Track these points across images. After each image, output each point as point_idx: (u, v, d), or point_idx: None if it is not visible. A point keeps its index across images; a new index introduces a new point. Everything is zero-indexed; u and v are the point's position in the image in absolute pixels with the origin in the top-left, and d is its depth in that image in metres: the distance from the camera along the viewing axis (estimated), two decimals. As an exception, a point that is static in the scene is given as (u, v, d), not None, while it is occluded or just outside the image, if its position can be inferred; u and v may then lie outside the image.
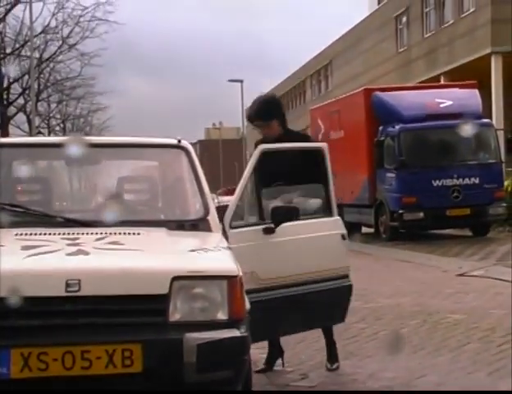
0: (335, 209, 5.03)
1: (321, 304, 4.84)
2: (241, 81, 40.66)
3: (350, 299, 5.12)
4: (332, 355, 5.45)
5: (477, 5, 26.78)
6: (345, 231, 5.08)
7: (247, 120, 5.52)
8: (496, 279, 9.76)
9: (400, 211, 15.88)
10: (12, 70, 27.31)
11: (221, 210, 4.51)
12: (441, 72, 28.47)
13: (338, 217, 5.05)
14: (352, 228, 15.27)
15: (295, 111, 52.97)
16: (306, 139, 5.50)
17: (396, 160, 16.02)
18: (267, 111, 5.34)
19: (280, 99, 5.78)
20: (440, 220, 15.84)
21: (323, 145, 5.09)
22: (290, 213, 4.54)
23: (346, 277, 5.06)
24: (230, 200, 4.54)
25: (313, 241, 4.85)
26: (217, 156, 70.21)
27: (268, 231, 4.57)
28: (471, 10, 27.41)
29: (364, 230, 18.00)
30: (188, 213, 4.44)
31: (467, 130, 14.03)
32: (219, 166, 68.57)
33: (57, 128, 37.50)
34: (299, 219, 4.64)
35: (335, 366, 5.40)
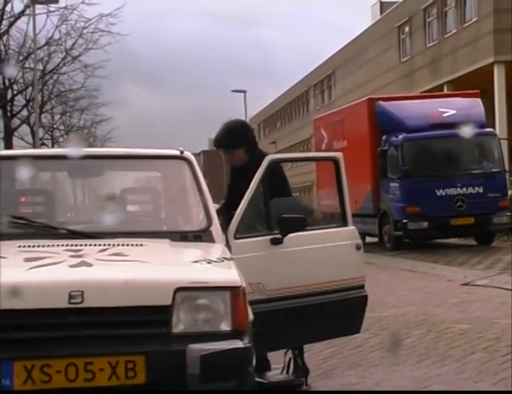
0: (350, 219, 4.96)
1: (333, 315, 4.76)
2: (244, 92, 40.76)
3: (365, 309, 4.99)
4: (297, 369, 5.26)
5: (480, 15, 26.83)
6: (359, 241, 4.98)
7: (213, 145, 5.43)
8: (500, 288, 9.73)
9: (404, 220, 15.87)
10: (11, 71, 27.19)
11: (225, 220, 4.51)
12: (444, 82, 28.51)
13: (353, 227, 4.96)
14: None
15: (299, 120, 53.04)
16: None
17: (400, 170, 16.01)
18: (229, 140, 5.27)
19: (247, 125, 5.60)
20: (444, 229, 15.82)
21: (338, 155, 5.06)
22: (297, 223, 4.52)
23: (362, 287, 4.93)
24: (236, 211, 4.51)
25: (324, 251, 4.78)
26: (221, 166, 70.27)
27: (276, 242, 4.54)
28: (473, 19, 27.45)
29: (368, 239, 17.98)
30: (191, 224, 4.43)
31: (468, 133, 14.01)
32: (223, 176, 68.57)
33: (61, 139, 37.54)
34: (307, 229, 4.61)
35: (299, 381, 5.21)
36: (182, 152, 4.64)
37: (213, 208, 4.38)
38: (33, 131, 30.26)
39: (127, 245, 3.97)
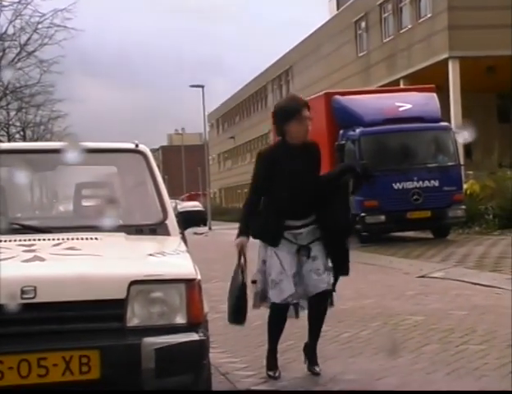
0: None
1: None
2: (202, 86, 40.50)
3: None
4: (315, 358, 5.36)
5: (434, 11, 27.15)
6: None
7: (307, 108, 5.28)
8: (455, 280, 9.87)
9: (362, 214, 15.97)
10: None
11: (183, 215, 4.50)
12: (400, 76, 28.80)
13: None
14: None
15: (257, 115, 53.09)
16: None
17: (357, 164, 16.10)
18: None
19: None
20: (401, 223, 15.98)
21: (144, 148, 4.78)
22: (197, 217, 4.59)
23: None
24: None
25: None
26: (180, 162, 70.09)
27: None
28: (428, 15, 27.77)
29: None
30: (146, 218, 4.41)
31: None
32: (181, 172, 68.37)
33: (17, 136, 36.94)
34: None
35: (319, 369, 5.30)
36: (137, 145, 4.62)
37: (169, 201, 4.36)
38: (-12, 128, 29.77)
39: (81, 239, 3.93)
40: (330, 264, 5.22)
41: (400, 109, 16.42)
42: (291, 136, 5.14)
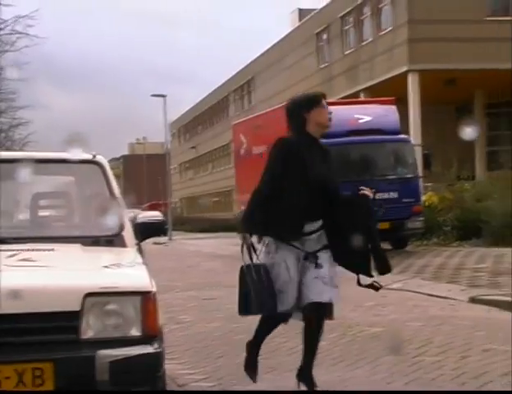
0: None
1: None
2: (164, 96, 40.33)
3: None
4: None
5: (395, 24, 27.45)
6: None
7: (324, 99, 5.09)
8: (413, 292, 9.96)
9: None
10: None
11: (141, 226, 4.48)
12: (361, 88, 29.04)
13: None
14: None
15: (219, 125, 53.10)
16: None
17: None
18: None
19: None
20: (360, 234, 16.04)
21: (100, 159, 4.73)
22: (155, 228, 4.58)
23: None
24: None
25: None
26: (142, 171, 69.78)
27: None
28: (389, 29, 28.07)
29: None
30: (103, 229, 4.38)
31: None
32: (143, 180, 68.08)
33: (-23, 143, 36.41)
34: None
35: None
36: (94, 156, 4.60)
37: (126, 212, 4.35)
38: None
39: (37, 250, 3.90)
40: (335, 281, 5.01)
41: (360, 121, 16.55)
42: (315, 123, 4.95)
